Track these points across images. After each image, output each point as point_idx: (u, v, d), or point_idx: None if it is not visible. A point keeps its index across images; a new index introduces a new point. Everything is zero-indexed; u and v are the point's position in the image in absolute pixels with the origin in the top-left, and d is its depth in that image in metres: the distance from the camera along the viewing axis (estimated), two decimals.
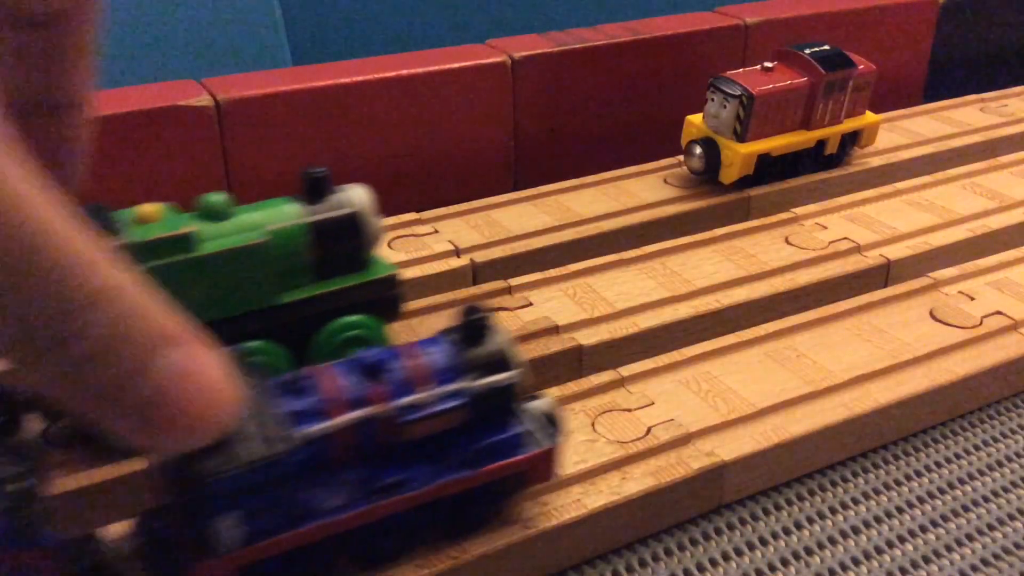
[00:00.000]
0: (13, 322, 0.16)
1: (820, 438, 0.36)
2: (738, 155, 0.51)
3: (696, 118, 0.53)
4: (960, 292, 0.44)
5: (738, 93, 0.50)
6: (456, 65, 0.53)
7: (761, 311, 0.43)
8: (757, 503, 0.35)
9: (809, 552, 0.33)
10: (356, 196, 0.35)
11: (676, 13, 0.62)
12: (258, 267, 0.33)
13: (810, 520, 0.34)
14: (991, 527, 0.34)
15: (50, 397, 0.17)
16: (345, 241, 0.35)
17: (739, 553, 0.33)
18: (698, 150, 0.52)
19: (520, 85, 0.55)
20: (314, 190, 0.34)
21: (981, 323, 0.42)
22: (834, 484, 0.36)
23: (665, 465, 0.33)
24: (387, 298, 0.36)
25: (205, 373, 0.18)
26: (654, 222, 0.50)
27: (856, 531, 0.34)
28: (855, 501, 0.35)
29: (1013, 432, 0.39)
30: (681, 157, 0.54)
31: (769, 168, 0.53)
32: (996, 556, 0.33)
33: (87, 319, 0.16)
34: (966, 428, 0.39)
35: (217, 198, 0.33)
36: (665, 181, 0.54)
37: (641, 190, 0.53)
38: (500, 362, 0.29)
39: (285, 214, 0.34)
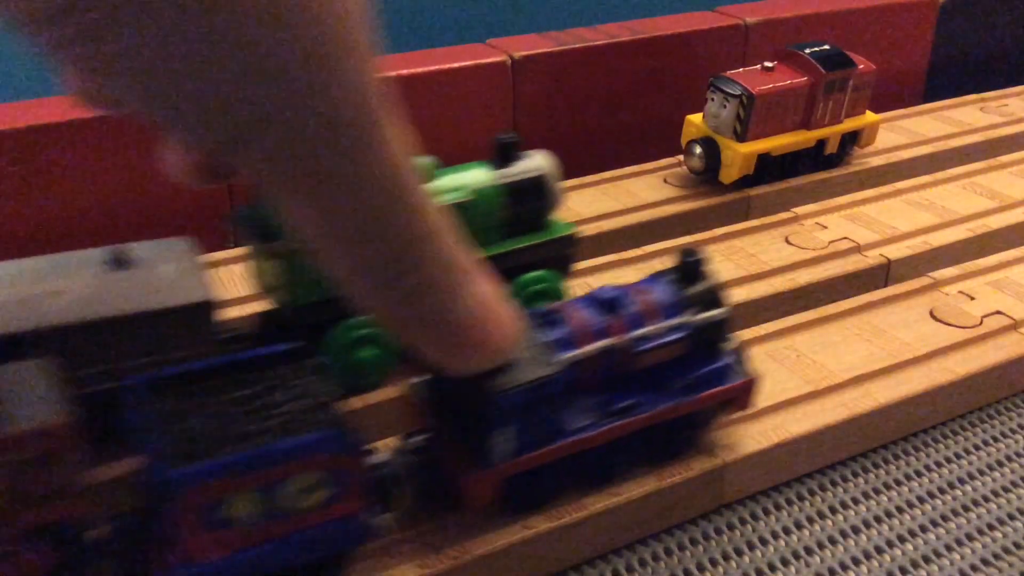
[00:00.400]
0: (368, 256, 0.19)
1: (820, 438, 0.36)
2: (738, 155, 0.51)
3: (696, 118, 0.53)
4: (960, 292, 0.44)
5: (738, 93, 0.50)
6: (456, 65, 0.53)
7: (761, 311, 0.43)
8: (757, 503, 0.35)
9: (809, 552, 0.33)
10: (542, 161, 0.38)
11: (676, 13, 0.62)
12: (462, 224, 0.35)
13: (810, 520, 0.34)
14: (991, 527, 0.34)
15: (384, 322, 0.21)
16: (534, 201, 0.38)
17: (739, 553, 0.33)
18: (698, 150, 0.52)
19: (520, 85, 0.55)
20: (503, 154, 0.38)
21: (981, 323, 0.42)
22: (834, 484, 0.36)
23: (665, 465, 0.33)
24: (566, 255, 0.40)
25: (498, 304, 0.21)
26: (654, 222, 0.50)
27: (856, 531, 0.34)
28: (855, 501, 0.35)
29: (1013, 432, 0.39)
30: (681, 157, 0.54)
31: (769, 168, 0.53)
32: (996, 556, 0.33)
33: (421, 254, 0.19)
34: (966, 428, 0.39)
35: (423, 161, 0.35)
36: (665, 181, 0.54)
37: (641, 190, 0.53)
38: (713, 299, 0.32)
39: (482, 176, 0.37)
